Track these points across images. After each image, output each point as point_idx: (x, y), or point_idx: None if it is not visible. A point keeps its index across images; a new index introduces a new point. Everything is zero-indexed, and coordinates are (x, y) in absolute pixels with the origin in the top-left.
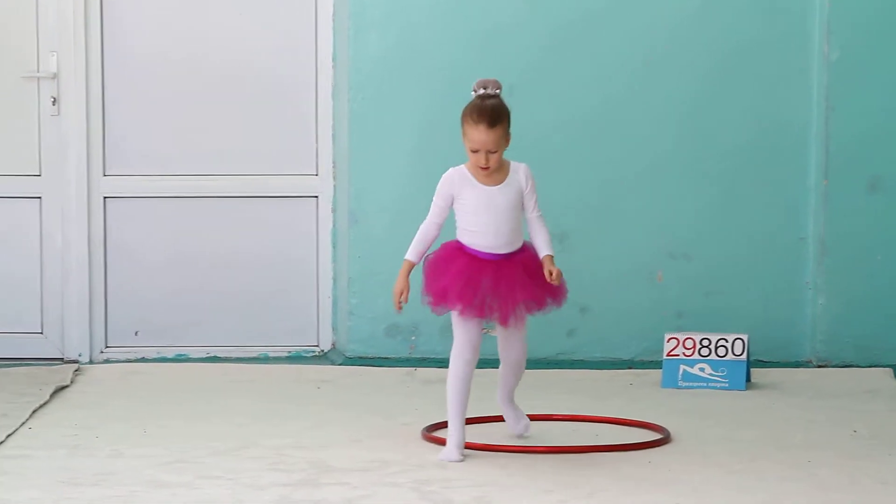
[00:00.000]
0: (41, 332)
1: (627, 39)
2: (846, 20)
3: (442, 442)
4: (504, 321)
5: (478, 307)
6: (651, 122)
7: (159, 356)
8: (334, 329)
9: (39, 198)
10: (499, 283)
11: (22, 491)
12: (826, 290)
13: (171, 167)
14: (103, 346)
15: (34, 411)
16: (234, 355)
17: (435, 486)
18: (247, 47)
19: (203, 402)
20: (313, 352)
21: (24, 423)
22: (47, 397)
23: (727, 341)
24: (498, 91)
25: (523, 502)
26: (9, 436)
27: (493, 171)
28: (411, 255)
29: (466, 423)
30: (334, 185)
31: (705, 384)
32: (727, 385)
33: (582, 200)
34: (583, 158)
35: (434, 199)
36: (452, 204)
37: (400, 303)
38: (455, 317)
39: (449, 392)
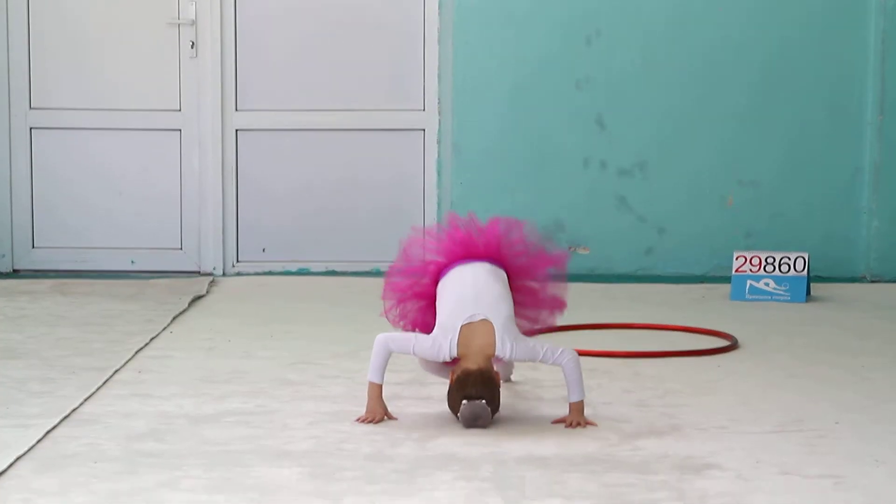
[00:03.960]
0: (181, 249)
1: None
2: None
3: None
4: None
5: None
6: (722, 64)
7: (284, 270)
8: None
9: (179, 130)
10: None
11: (165, 387)
12: (879, 214)
13: (295, 103)
14: (235, 261)
15: (174, 318)
16: (349, 269)
17: (526, 385)
18: None
19: (323, 310)
20: None
21: (165, 328)
22: (186, 305)
23: (790, 259)
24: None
25: (605, 398)
26: (153, 339)
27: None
28: (375, 377)
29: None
30: (439, 120)
31: (769, 297)
32: (789, 298)
33: (660, 133)
34: (661, 95)
35: (408, 335)
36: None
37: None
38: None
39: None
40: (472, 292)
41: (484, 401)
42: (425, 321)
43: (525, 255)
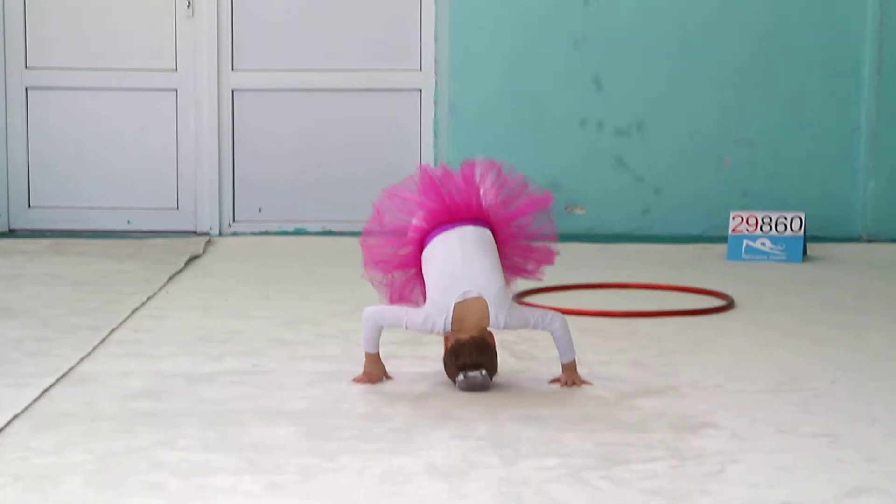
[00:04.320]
0: (177, 208)
1: None
2: None
3: (530, 306)
4: None
5: None
6: (719, 23)
7: (280, 230)
8: None
9: (175, 90)
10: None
11: (161, 346)
12: (876, 174)
13: (291, 63)
14: (231, 221)
15: (171, 277)
16: (346, 229)
17: (524, 346)
18: None
19: (319, 270)
20: None
21: (162, 288)
22: (182, 265)
23: (786, 219)
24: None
25: (602, 358)
26: (149, 298)
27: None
28: (370, 349)
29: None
30: (436, 80)
31: (766, 257)
32: (785, 258)
33: (658, 93)
34: (659, 55)
35: (399, 309)
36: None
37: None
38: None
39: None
40: (462, 266)
41: (483, 370)
42: (420, 292)
43: (507, 203)
